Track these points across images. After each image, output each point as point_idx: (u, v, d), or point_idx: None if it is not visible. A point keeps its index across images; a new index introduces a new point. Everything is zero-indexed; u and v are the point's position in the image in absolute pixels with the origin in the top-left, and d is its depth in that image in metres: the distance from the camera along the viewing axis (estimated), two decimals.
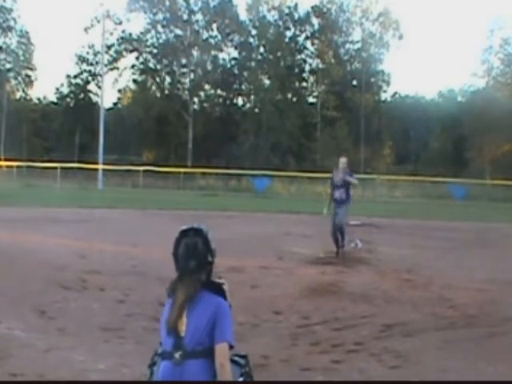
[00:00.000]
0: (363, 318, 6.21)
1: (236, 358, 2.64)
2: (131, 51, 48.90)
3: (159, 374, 2.60)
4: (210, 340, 2.56)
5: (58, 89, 51.69)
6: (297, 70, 49.86)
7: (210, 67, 48.74)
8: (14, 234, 11.83)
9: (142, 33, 48.90)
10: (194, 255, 2.66)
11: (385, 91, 51.80)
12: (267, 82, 48.30)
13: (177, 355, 2.55)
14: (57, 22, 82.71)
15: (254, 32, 49.12)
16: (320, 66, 49.08)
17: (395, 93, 53.80)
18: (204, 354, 2.55)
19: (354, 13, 49.93)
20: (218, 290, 2.66)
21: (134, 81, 50.99)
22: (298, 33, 49.59)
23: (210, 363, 2.54)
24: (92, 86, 50.64)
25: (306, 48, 50.18)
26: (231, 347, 2.57)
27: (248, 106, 50.61)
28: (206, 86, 49.82)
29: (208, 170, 36.12)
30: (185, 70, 49.19)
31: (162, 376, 2.57)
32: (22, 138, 47.48)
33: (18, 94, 50.79)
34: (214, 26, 48.41)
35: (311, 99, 50.38)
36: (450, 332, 5.85)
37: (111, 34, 46.87)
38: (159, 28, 48.92)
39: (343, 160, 10.59)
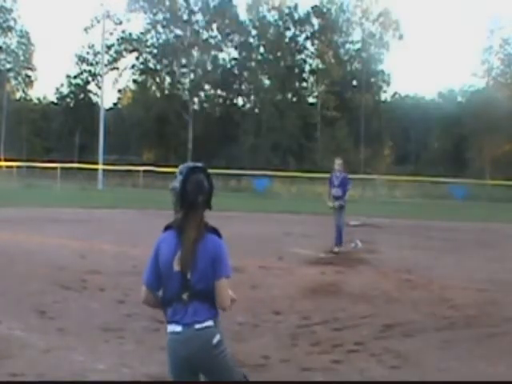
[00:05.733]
0: (363, 318, 6.20)
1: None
2: (131, 51, 48.92)
3: (169, 313, 2.72)
4: (212, 279, 2.69)
5: (57, 89, 51.84)
6: (297, 70, 49.81)
7: (210, 67, 48.71)
8: (14, 234, 11.83)
9: (142, 33, 48.98)
10: (202, 191, 2.82)
11: (385, 91, 51.88)
12: (267, 82, 48.28)
13: (184, 296, 2.67)
14: (57, 22, 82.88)
15: (254, 32, 49.11)
16: (320, 66, 49.01)
17: (395, 93, 53.97)
18: (207, 294, 2.68)
19: (354, 13, 49.93)
20: (213, 229, 2.78)
21: (134, 81, 51.05)
22: (298, 33, 49.58)
23: (211, 302, 2.69)
24: (92, 86, 50.78)
25: (306, 48, 50.17)
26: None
27: (248, 106, 50.61)
28: (206, 86, 49.83)
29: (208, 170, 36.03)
30: (185, 70, 49.14)
31: (172, 315, 2.70)
32: (22, 138, 47.48)
33: (18, 94, 50.84)
34: (214, 26, 48.38)
35: (311, 99, 50.32)
36: (449, 332, 5.84)
37: (111, 34, 46.95)
38: (159, 28, 48.92)
39: (339, 162, 11.31)
